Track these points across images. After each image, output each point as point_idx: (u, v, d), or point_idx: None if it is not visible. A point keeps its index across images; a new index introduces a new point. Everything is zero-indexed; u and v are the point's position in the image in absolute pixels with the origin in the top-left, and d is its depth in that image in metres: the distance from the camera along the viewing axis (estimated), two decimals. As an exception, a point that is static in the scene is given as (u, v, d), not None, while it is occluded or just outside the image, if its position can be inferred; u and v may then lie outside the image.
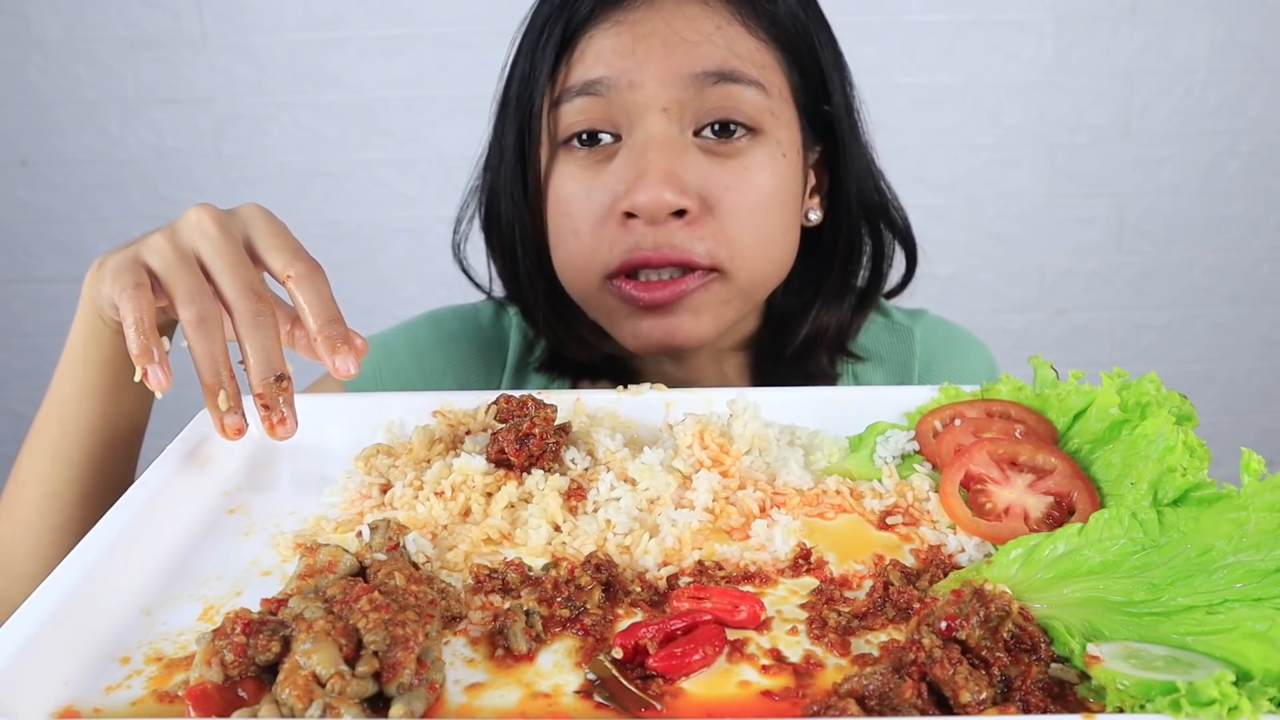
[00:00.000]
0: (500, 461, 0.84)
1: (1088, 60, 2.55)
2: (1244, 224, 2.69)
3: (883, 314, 1.29)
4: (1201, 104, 2.58)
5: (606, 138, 1.03)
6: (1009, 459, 0.81)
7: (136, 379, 0.77)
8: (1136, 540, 0.68)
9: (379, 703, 0.57)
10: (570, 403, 0.94)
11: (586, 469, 0.85)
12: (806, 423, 0.93)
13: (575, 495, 0.81)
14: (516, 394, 0.91)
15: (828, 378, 1.21)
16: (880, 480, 0.85)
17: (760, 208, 1.03)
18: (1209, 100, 2.58)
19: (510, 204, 1.12)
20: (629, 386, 0.96)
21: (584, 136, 1.04)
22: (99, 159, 2.63)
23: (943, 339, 1.30)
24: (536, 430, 0.84)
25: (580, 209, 1.04)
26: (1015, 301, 2.74)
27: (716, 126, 1.02)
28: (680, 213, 1.00)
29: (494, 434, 0.85)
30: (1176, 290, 2.74)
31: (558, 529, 0.78)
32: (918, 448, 0.89)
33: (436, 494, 0.81)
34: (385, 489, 0.84)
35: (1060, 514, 0.76)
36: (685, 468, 0.84)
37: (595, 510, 0.79)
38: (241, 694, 0.58)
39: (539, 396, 0.95)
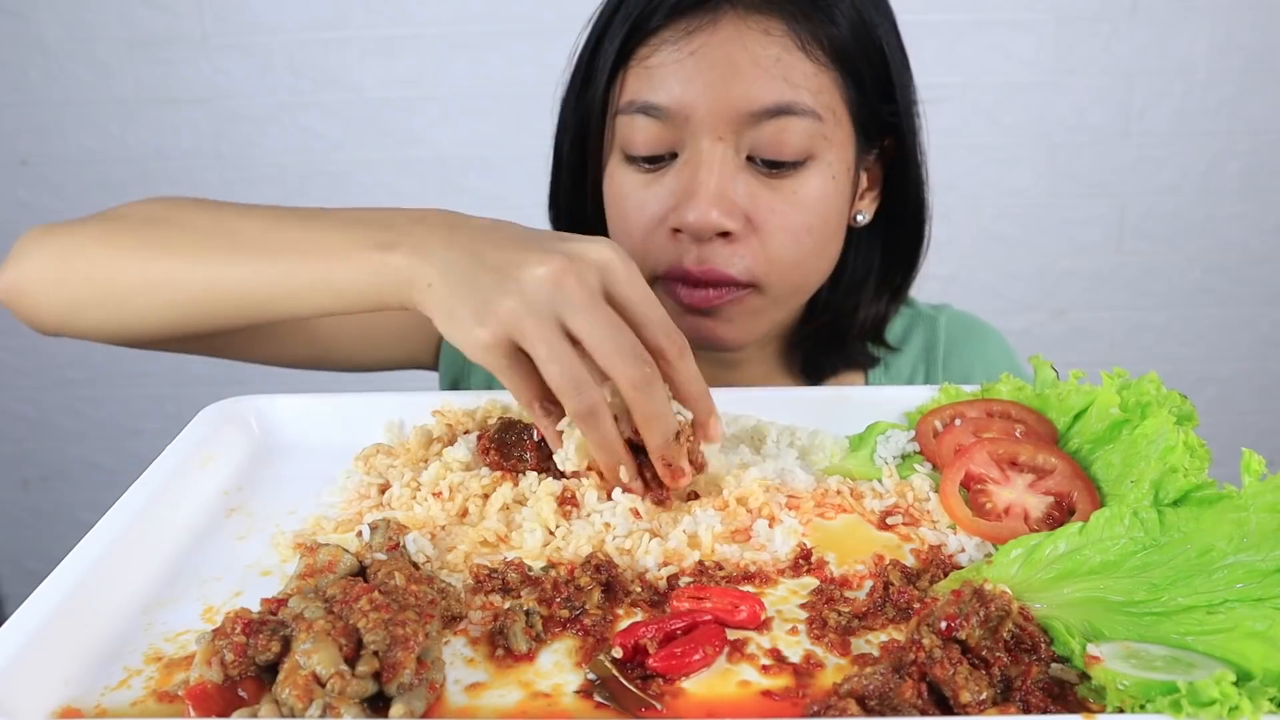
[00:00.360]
0: (494, 463, 0.85)
1: (1088, 60, 2.55)
2: (1244, 224, 2.69)
3: (909, 305, 1.33)
4: (1201, 104, 2.58)
5: (664, 157, 1.06)
6: (1009, 459, 0.81)
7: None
8: (1137, 540, 0.68)
9: (379, 703, 0.57)
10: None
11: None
12: (806, 423, 0.93)
13: (570, 502, 0.81)
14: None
15: (868, 360, 1.25)
16: (880, 480, 0.85)
17: (804, 230, 1.06)
18: (1209, 100, 2.58)
19: (572, 188, 1.17)
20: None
21: (644, 157, 1.06)
22: (99, 159, 2.62)
23: (965, 328, 1.35)
24: (528, 455, 0.84)
25: (634, 214, 1.07)
26: (1015, 301, 2.74)
27: (769, 155, 1.03)
28: (726, 233, 1.03)
29: (481, 439, 0.86)
30: (1176, 290, 2.74)
31: (551, 534, 0.77)
32: (918, 448, 0.89)
33: (434, 495, 0.81)
34: (384, 489, 0.84)
35: (1060, 514, 0.76)
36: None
37: (589, 516, 0.79)
38: (241, 694, 0.58)
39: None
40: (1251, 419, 2.85)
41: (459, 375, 1.29)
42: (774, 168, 1.04)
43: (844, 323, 1.20)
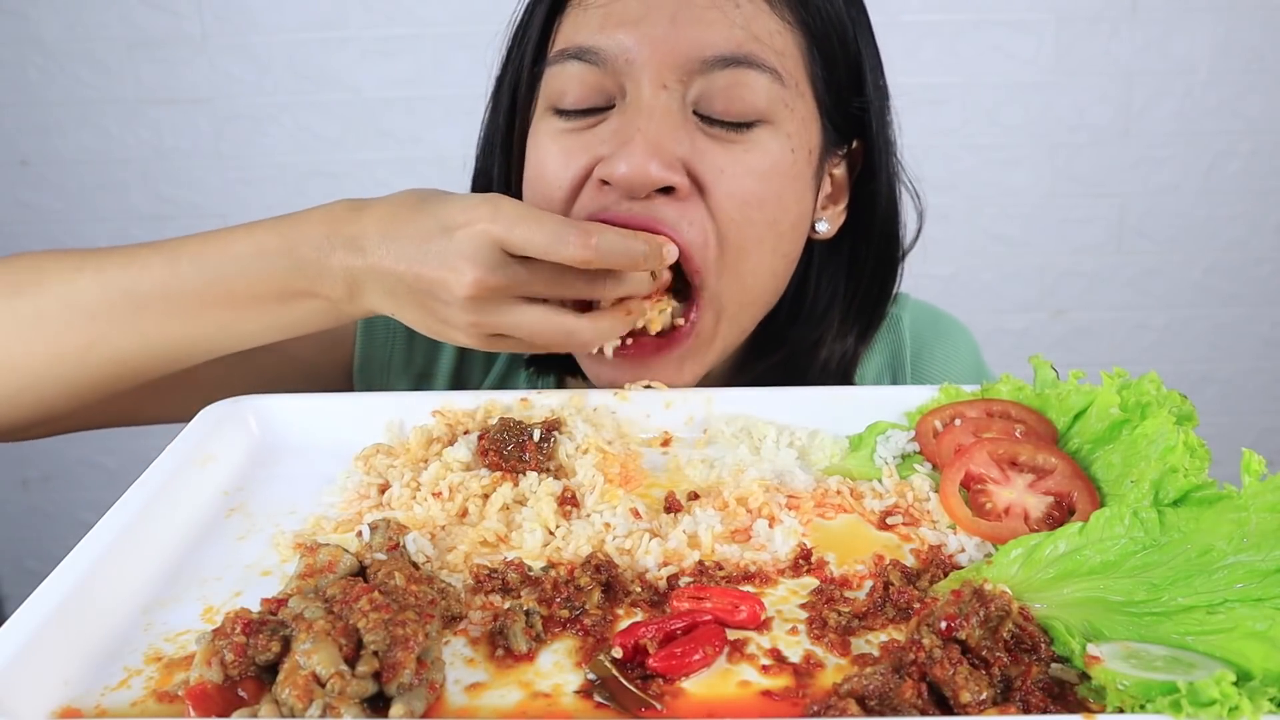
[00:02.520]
0: (493, 464, 0.85)
1: (1088, 60, 2.55)
2: (1244, 224, 2.69)
3: None
4: (1201, 104, 2.58)
5: (597, 109, 0.94)
6: (1009, 459, 0.81)
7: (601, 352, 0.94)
8: (1137, 540, 0.68)
9: (379, 703, 0.57)
10: (565, 402, 0.94)
11: (581, 456, 0.85)
12: (805, 423, 0.93)
13: (570, 502, 0.81)
14: (512, 398, 0.91)
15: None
16: (880, 480, 0.85)
17: (755, 201, 0.93)
18: (1209, 100, 2.58)
19: (493, 155, 1.08)
20: (627, 386, 0.96)
21: (575, 110, 0.95)
22: (99, 159, 2.62)
23: (929, 325, 1.24)
24: (528, 457, 0.84)
25: (555, 169, 0.94)
26: (1015, 301, 2.74)
27: (719, 110, 0.92)
28: (668, 191, 0.91)
29: (481, 440, 0.86)
30: (1176, 290, 2.74)
31: (551, 534, 0.78)
32: (918, 448, 0.89)
33: (434, 495, 0.81)
34: (384, 489, 0.84)
35: (1060, 514, 0.76)
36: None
37: (589, 516, 0.79)
38: (241, 694, 0.58)
39: (537, 395, 0.95)
40: (1251, 419, 2.85)
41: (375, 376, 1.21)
42: (725, 127, 0.92)
43: (803, 360, 1.07)
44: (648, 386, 0.96)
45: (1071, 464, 0.79)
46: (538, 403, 0.94)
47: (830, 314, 1.08)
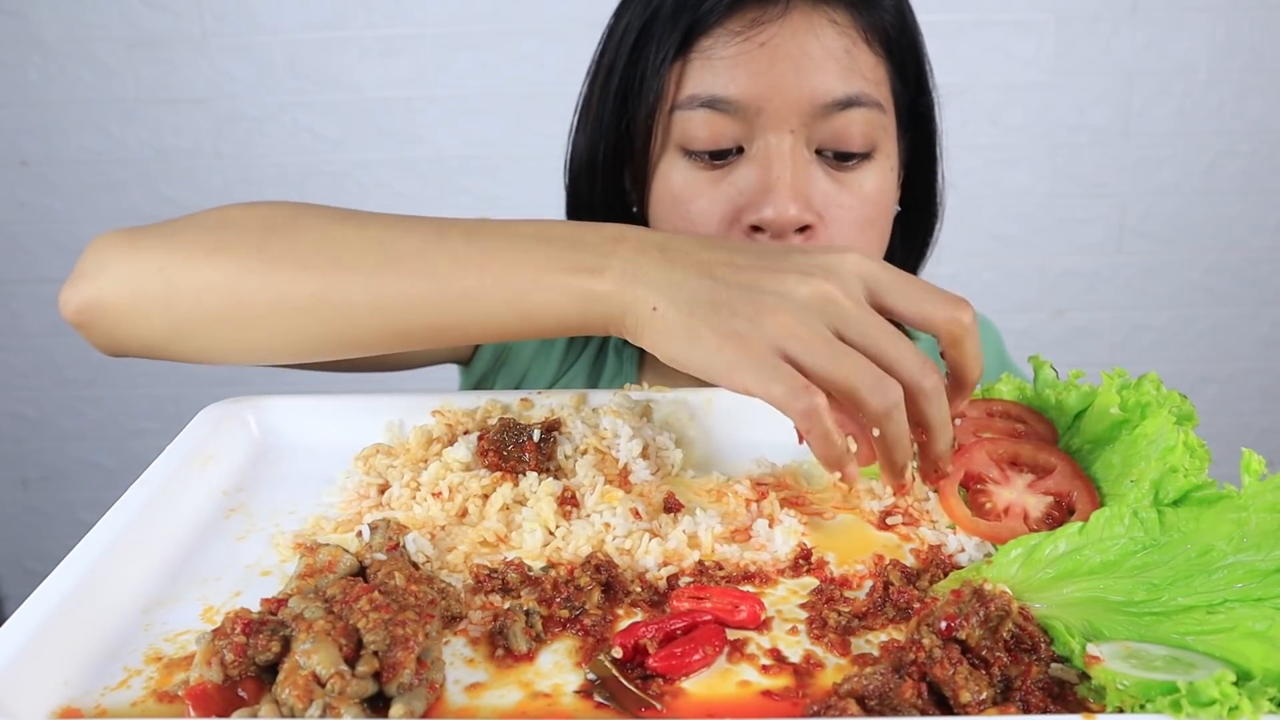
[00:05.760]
0: (493, 464, 0.85)
1: (1088, 60, 2.55)
2: (1244, 224, 2.69)
3: None
4: (1201, 104, 2.58)
5: (730, 152, 1.03)
6: (1009, 459, 0.81)
7: (833, 480, 0.77)
8: (1137, 540, 0.68)
9: (379, 703, 0.57)
10: (565, 402, 0.94)
11: (580, 457, 0.85)
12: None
13: (570, 502, 0.81)
14: (512, 398, 0.91)
15: None
16: (880, 480, 0.85)
17: (867, 223, 1.05)
18: (1209, 100, 2.58)
19: (606, 193, 1.12)
20: (629, 386, 0.96)
21: (710, 151, 1.03)
22: (99, 159, 2.62)
23: None
24: (527, 457, 0.84)
25: (703, 214, 1.03)
26: (1015, 301, 2.74)
27: (839, 148, 1.02)
28: (802, 229, 1.01)
29: (481, 440, 0.86)
30: (1176, 290, 2.74)
31: (551, 534, 0.78)
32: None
33: (434, 495, 0.81)
34: (384, 489, 0.84)
35: (1060, 514, 0.76)
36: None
37: (589, 516, 0.79)
38: (241, 694, 0.58)
39: (537, 395, 0.95)
40: (1251, 419, 2.85)
41: (489, 371, 1.26)
42: (841, 160, 1.03)
43: None
44: (649, 387, 0.96)
45: (1072, 464, 0.79)
46: (538, 403, 0.94)
47: None
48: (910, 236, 1.22)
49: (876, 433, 0.70)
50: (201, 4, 2.51)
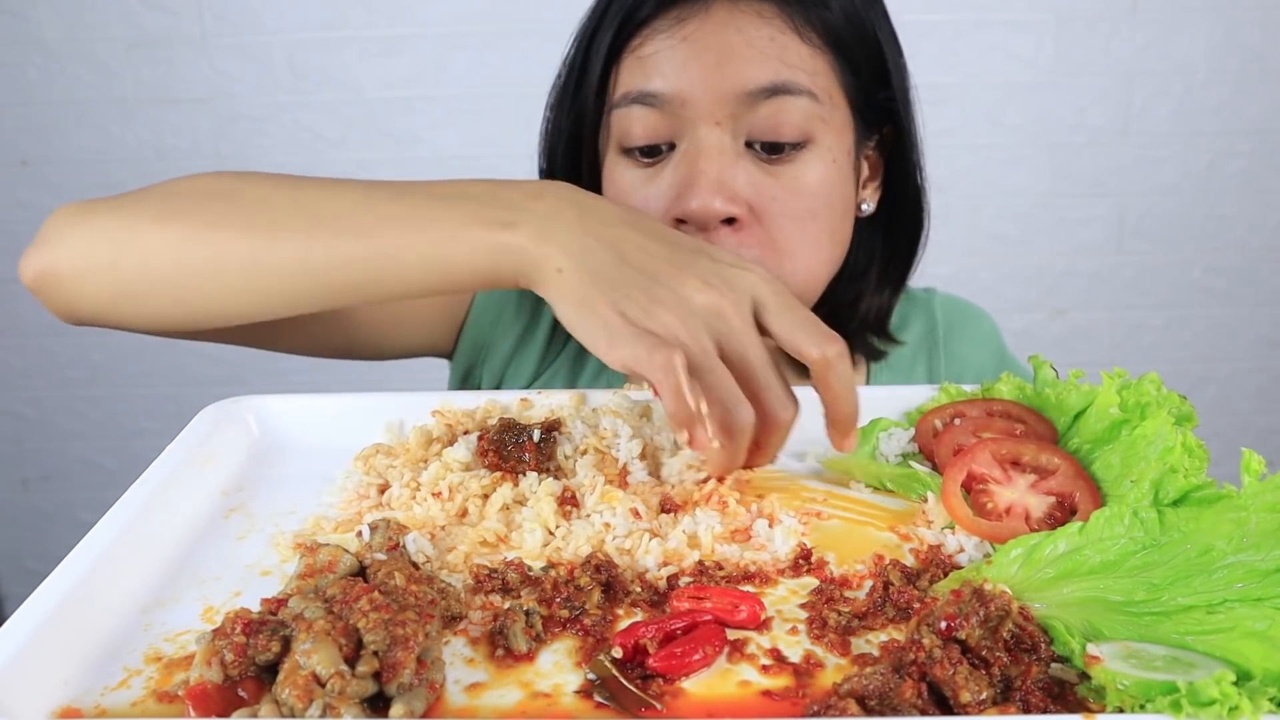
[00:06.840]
0: (493, 464, 0.85)
1: (1088, 60, 2.55)
2: (1244, 224, 2.69)
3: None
4: (1201, 104, 2.58)
5: (662, 148, 1.05)
6: (1011, 459, 0.81)
7: (680, 442, 0.77)
8: (1137, 540, 0.68)
9: (379, 703, 0.57)
10: (565, 402, 0.94)
11: (579, 457, 0.85)
12: (806, 422, 0.93)
13: (570, 502, 0.81)
14: (511, 398, 0.91)
15: (871, 353, 1.24)
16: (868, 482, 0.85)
17: (808, 216, 1.05)
18: (1209, 100, 2.58)
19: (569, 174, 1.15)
20: (629, 386, 0.96)
21: (642, 148, 1.05)
22: (99, 159, 2.62)
23: (958, 310, 1.36)
24: (527, 457, 0.84)
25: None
26: (1015, 301, 2.74)
27: (767, 138, 1.02)
28: (730, 221, 1.02)
29: (481, 440, 0.86)
30: (1176, 290, 2.74)
31: (551, 534, 0.77)
32: (918, 447, 0.89)
33: (434, 495, 0.81)
34: (384, 489, 0.84)
35: (1062, 514, 0.76)
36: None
37: (589, 516, 0.79)
38: (241, 694, 0.58)
39: (537, 395, 0.95)
40: (1251, 419, 2.85)
41: (473, 364, 1.27)
42: (773, 152, 1.03)
43: (844, 314, 1.20)
44: (647, 387, 0.96)
45: (1074, 464, 0.79)
46: (538, 403, 0.94)
47: (869, 272, 1.20)
48: (893, 238, 1.21)
49: (716, 445, 0.76)
50: (201, 4, 2.52)
